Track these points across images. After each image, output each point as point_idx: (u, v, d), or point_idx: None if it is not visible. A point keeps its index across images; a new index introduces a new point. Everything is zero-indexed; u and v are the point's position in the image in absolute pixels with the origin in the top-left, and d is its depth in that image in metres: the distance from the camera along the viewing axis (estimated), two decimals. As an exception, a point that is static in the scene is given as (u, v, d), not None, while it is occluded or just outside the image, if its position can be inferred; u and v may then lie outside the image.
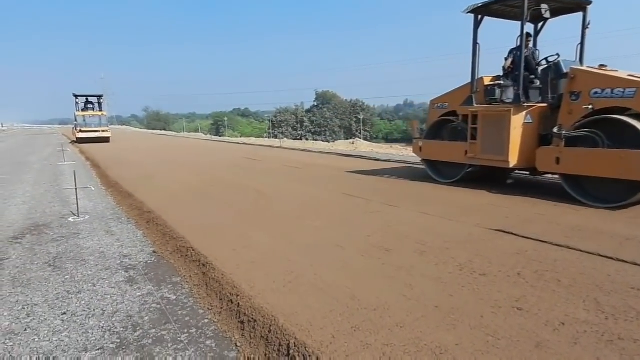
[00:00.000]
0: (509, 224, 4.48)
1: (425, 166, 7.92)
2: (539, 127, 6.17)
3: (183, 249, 3.98)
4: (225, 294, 2.95)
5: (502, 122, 6.16)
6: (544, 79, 6.36)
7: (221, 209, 5.71)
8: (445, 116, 7.46)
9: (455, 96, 7.24)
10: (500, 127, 6.20)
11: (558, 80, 6.11)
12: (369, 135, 74.40)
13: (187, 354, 2.31)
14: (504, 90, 6.39)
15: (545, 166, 5.88)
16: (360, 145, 27.72)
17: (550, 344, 2.16)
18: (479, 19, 6.78)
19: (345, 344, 2.20)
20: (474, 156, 6.65)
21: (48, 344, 2.44)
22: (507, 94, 6.34)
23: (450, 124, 7.36)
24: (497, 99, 6.44)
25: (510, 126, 6.03)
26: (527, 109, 6.13)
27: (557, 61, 6.23)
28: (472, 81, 6.82)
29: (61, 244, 4.40)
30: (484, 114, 6.53)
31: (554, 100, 6.13)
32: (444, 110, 7.52)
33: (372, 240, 4.02)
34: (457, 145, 7.00)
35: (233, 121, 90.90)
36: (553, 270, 3.17)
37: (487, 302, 2.66)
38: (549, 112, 6.13)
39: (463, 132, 6.93)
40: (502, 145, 6.16)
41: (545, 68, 6.46)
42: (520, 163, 6.16)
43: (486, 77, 6.93)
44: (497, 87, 6.47)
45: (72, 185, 6.34)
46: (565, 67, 6.03)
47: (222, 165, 11.35)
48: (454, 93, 7.32)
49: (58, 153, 15.84)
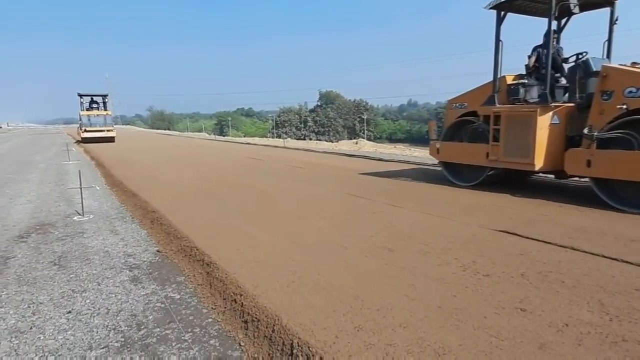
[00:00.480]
0: (512, 224, 4.47)
1: (442, 169, 7.59)
2: (566, 128, 5.89)
3: (187, 248, 4.00)
4: (229, 293, 2.96)
5: (527, 123, 5.89)
6: (571, 78, 6.06)
7: (225, 208, 5.72)
8: (464, 116, 7.15)
9: (475, 96, 6.94)
10: (525, 128, 5.92)
11: (587, 79, 5.80)
12: (372, 135, 74.39)
13: (191, 353, 2.32)
14: (528, 89, 6.16)
15: (574, 169, 5.61)
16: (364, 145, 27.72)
17: (553, 345, 2.15)
18: (502, 15, 6.52)
19: (348, 343, 2.20)
20: (497, 159, 6.34)
21: (53, 342, 2.46)
22: (532, 93, 6.12)
23: (470, 124, 7.04)
24: (521, 98, 6.20)
25: (536, 127, 5.75)
26: (553, 109, 5.85)
27: (586, 59, 5.92)
28: (494, 80, 6.51)
29: (66, 243, 4.43)
30: (507, 115, 6.23)
31: (583, 99, 5.82)
32: (462, 111, 7.18)
33: (375, 241, 4.02)
34: (477, 147, 6.71)
35: (237, 121, 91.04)
36: (557, 271, 3.16)
37: (490, 302, 2.65)
38: (577, 112, 5.85)
39: (484, 134, 6.64)
40: (527, 147, 5.88)
41: (572, 66, 6.16)
42: (547, 166, 5.89)
43: (508, 76, 6.63)
44: (521, 86, 6.21)
45: (77, 185, 6.38)
46: (594, 64, 5.74)
47: (226, 165, 11.37)
48: (474, 92, 7.01)
49: (63, 152, 15.93)
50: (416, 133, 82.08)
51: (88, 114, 21.96)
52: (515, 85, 6.36)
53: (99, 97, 23.63)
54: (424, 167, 9.88)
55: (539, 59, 6.37)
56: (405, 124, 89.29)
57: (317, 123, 77.27)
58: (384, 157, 12.86)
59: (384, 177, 8.36)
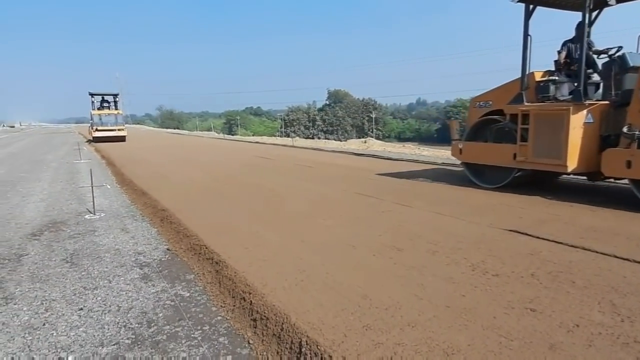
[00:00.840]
0: (523, 224, 4.43)
1: (465, 170, 7.28)
2: (600, 128, 5.59)
3: (196, 246, 4.03)
4: (237, 291, 2.98)
5: (559, 122, 5.57)
6: (606, 74, 5.77)
7: (234, 207, 5.75)
8: (489, 115, 6.83)
9: (501, 93, 6.63)
10: (557, 127, 5.61)
11: (623, 75, 5.51)
12: (381, 134, 74.17)
13: (201, 350, 2.35)
14: (559, 86, 5.88)
15: (613, 170, 5.35)
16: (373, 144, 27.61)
17: (564, 345, 2.14)
18: (531, 9, 6.19)
19: (356, 342, 2.20)
20: (525, 159, 6.01)
21: (66, 338, 2.50)
22: (562, 90, 5.86)
23: (495, 124, 6.70)
24: (551, 96, 5.89)
25: (568, 126, 5.43)
26: (587, 107, 5.52)
27: (622, 54, 5.61)
28: (523, 77, 6.19)
29: (78, 241, 4.49)
30: (537, 113, 5.90)
31: (619, 97, 5.51)
32: (487, 109, 6.86)
33: (384, 240, 4.02)
34: (504, 148, 6.39)
35: (245, 120, 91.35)
36: (568, 271, 3.13)
37: (499, 302, 2.64)
38: (612, 110, 5.55)
39: (511, 133, 6.34)
40: (559, 147, 5.57)
41: (607, 62, 5.83)
42: (580, 167, 5.60)
43: (537, 72, 6.30)
44: (551, 83, 5.89)
45: (88, 183, 6.46)
46: (631, 60, 5.45)
47: (235, 164, 11.42)
48: (499, 90, 6.70)
49: (74, 151, 16.12)
50: (425, 132, 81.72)
51: (99, 113, 22.06)
52: (545, 82, 6.02)
53: (110, 97, 23.71)
54: (434, 167, 9.83)
55: (569, 54, 6.12)
56: (414, 123, 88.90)
57: (325, 122, 77.25)
58: (393, 156, 12.83)
59: (393, 176, 8.34)
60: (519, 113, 6.12)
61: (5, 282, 3.38)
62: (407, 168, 9.60)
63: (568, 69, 6.14)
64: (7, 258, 3.96)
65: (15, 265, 3.76)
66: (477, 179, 6.99)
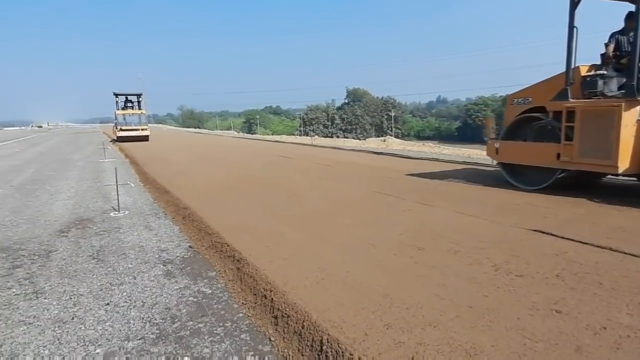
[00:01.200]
0: (547, 224, 4.34)
1: (502, 170, 6.91)
2: None
3: (218, 244, 4.09)
4: (259, 289, 3.01)
5: (609, 120, 5.24)
6: None
7: (254, 205, 5.81)
8: (528, 113, 6.48)
9: (541, 89, 6.28)
10: (606, 125, 5.28)
11: None
12: (400, 132, 73.67)
13: (223, 346, 2.38)
14: (607, 81, 5.55)
15: None
16: (392, 143, 27.47)
17: (590, 348, 2.09)
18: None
19: (377, 341, 2.20)
20: (570, 160, 5.66)
21: (93, 332, 2.57)
22: (610, 85, 5.54)
23: (536, 121, 6.34)
24: (598, 91, 5.55)
25: (620, 124, 5.12)
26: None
27: None
28: (567, 71, 5.82)
29: (103, 238, 4.61)
30: (583, 110, 5.54)
31: None
32: (526, 106, 6.50)
33: (404, 239, 3.99)
34: (545, 147, 6.03)
35: (265, 119, 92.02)
36: (594, 272, 3.06)
37: (523, 303, 2.59)
38: None
39: (554, 132, 5.99)
40: (609, 146, 5.25)
41: None
42: (632, 168, 5.29)
43: (582, 67, 5.94)
44: (599, 78, 5.55)
45: (113, 182, 6.62)
46: None
47: (255, 163, 11.52)
48: (540, 86, 6.35)
49: (99, 151, 16.53)
50: (445, 130, 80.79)
51: (123, 113, 22.45)
52: (592, 77, 5.66)
53: (133, 97, 24.08)
54: (455, 165, 9.71)
55: (618, 47, 5.83)
56: (434, 121, 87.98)
57: (344, 121, 77.18)
58: (413, 155, 12.72)
59: (413, 175, 8.27)
60: (563, 110, 5.77)
61: (35, 277, 3.50)
62: (427, 167, 9.50)
63: (617, 62, 5.79)
64: (37, 254, 4.10)
65: (44, 261, 3.88)
66: (514, 180, 6.63)
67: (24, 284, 3.35)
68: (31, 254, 4.11)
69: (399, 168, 9.37)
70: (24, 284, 3.35)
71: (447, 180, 7.49)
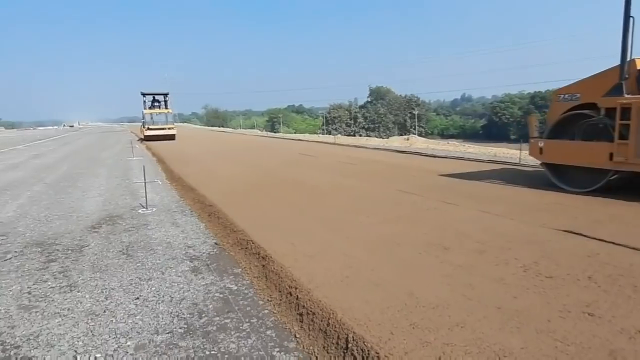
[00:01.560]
0: (578, 224, 4.22)
1: (546, 171, 6.54)
2: None
3: (243, 241, 4.14)
4: (284, 286, 3.03)
5: None
6: None
7: (278, 203, 5.85)
8: (576, 110, 6.10)
9: (592, 85, 5.89)
10: None
11: None
12: (423, 131, 72.74)
13: (249, 342, 2.41)
14: None
15: None
16: (415, 141, 27.13)
17: (625, 352, 2.02)
18: None
19: (403, 340, 2.19)
20: (625, 160, 5.27)
21: (124, 325, 2.65)
22: None
23: (585, 119, 5.94)
24: None
25: None
26: None
27: None
28: (622, 65, 5.44)
29: (132, 234, 4.73)
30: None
31: None
32: (573, 103, 6.11)
33: (429, 238, 3.95)
34: (596, 146, 5.64)
35: (288, 118, 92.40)
36: (628, 275, 2.96)
37: (554, 306, 2.53)
38: None
39: (606, 130, 5.62)
40: None
41: None
42: None
43: (638, 60, 5.57)
44: None
45: (141, 179, 6.78)
46: None
47: (278, 161, 11.59)
48: (590, 81, 5.96)
49: (127, 149, 16.96)
50: (470, 129, 79.33)
51: (151, 112, 22.98)
52: None
53: (160, 96, 24.55)
54: (480, 164, 9.53)
55: None
56: (458, 120, 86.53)
57: (367, 119, 76.71)
58: (437, 153, 12.56)
59: (437, 174, 8.17)
60: (617, 106, 5.37)
61: (69, 270, 3.63)
62: (452, 166, 9.37)
63: None
64: (70, 249, 4.24)
65: (77, 256, 4.01)
66: (560, 181, 6.24)
67: (59, 277, 3.48)
68: (65, 248, 4.26)
69: (423, 167, 9.27)
70: (59, 277, 3.48)
71: (472, 180, 7.36)
